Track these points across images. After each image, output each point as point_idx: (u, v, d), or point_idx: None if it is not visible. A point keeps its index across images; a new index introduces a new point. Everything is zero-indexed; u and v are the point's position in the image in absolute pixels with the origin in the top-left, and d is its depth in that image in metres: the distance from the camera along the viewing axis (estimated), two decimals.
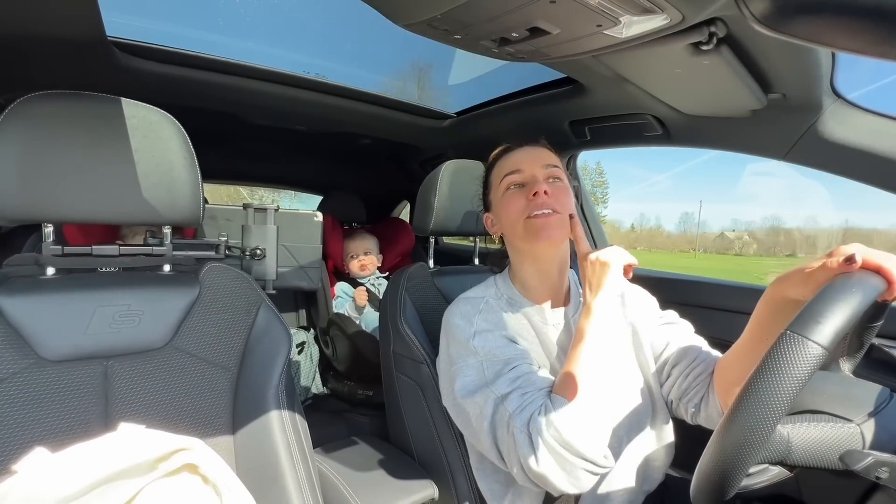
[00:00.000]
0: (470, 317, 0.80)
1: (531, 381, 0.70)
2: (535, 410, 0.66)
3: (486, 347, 0.75)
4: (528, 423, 0.65)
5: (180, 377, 0.73)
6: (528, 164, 0.82)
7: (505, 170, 0.84)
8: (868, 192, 5.23)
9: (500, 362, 0.73)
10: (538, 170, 0.81)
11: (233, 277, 0.80)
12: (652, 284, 1.44)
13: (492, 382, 0.72)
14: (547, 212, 0.78)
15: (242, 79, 1.20)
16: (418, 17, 0.64)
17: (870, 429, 0.51)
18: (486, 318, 0.80)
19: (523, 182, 0.82)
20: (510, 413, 0.67)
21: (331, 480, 0.92)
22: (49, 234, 0.70)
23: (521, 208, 0.79)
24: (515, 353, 0.75)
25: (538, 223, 0.78)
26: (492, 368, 0.73)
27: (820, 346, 0.41)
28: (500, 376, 0.71)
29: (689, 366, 0.78)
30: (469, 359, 0.76)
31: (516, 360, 0.73)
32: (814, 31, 0.50)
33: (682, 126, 1.10)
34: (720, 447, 0.45)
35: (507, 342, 0.77)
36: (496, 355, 0.74)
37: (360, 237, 2.04)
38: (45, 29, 0.83)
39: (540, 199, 0.77)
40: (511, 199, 0.81)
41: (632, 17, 0.60)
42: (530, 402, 0.67)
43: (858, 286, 0.46)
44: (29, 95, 0.63)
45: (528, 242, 0.81)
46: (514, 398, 0.68)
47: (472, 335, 0.77)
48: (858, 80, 0.87)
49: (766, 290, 0.64)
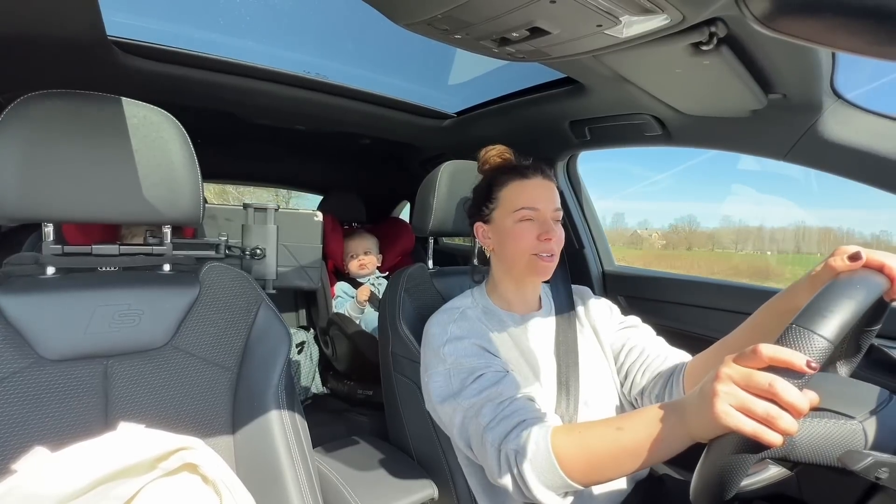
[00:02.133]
0: (445, 325, 0.84)
1: (499, 392, 0.71)
2: (509, 430, 0.66)
3: (455, 356, 0.78)
4: (499, 443, 0.66)
5: (180, 377, 0.73)
6: (544, 204, 0.85)
7: (522, 202, 0.85)
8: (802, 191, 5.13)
9: (465, 371, 0.76)
10: (550, 211, 0.86)
11: (233, 277, 0.80)
12: (652, 284, 1.44)
13: (458, 394, 0.74)
14: (552, 255, 0.84)
15: (243, 78, 1.20)
16: (418, 17, 0.64)
17: (872, 426, 0.51)
18: (460, 326, 0.83)
19: (535, 218, 0.85)
20: (483, 426, 0.69)
21: (330, 480, 0.92)
22: (49, 233, 0.70)
23: (530, 245, 0.84)
24: (481, 361, 0.77)
25: (541, 265, 0.84)
26: (457, 377, 0.76)
27: (826, 340, 0.42)
28: (465, 387, 0.74)
29: (643, 364, 0.84)
30: (438, 366, 0.79)
31: (481, 368, 0.75)
32: (814, 31, 0.50)
33: (682, 126, 1.10)
34: (721, 446, 0.45)
35: (477, 350, 0.79)
36: (462, 364, 0.77)
37: (359, 237, 2.05)
38: (45, 28, 0.83)
39: (549, 244, 0.83)
40: (522, 232, 0.84)
41: (632, 17, 0.60)
42: (506, 415, 0.68)
43: (862, 283, 0.46)
44: (29, 95, 0.63)
45: (526, 275, 0.87)
46: (486, 411, 0.69)
47: (443, 343, 0.80)
48: (859, 79, 0.87)
49: (770, 300, 0.65)
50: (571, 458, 0.60)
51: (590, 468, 0.59)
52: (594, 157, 1.49)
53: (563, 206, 0.89)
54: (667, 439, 0.52)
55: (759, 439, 0.42)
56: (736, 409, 0.44)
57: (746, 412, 0.43)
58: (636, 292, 1.47)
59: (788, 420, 0.42)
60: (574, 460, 0.60)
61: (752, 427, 0.42)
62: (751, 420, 0.43)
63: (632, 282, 1.49)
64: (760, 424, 0.42)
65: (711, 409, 0.45)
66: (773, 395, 0.42)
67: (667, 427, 0.52)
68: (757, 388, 0.43)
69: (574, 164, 1.54)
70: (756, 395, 0.43)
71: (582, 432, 0.61)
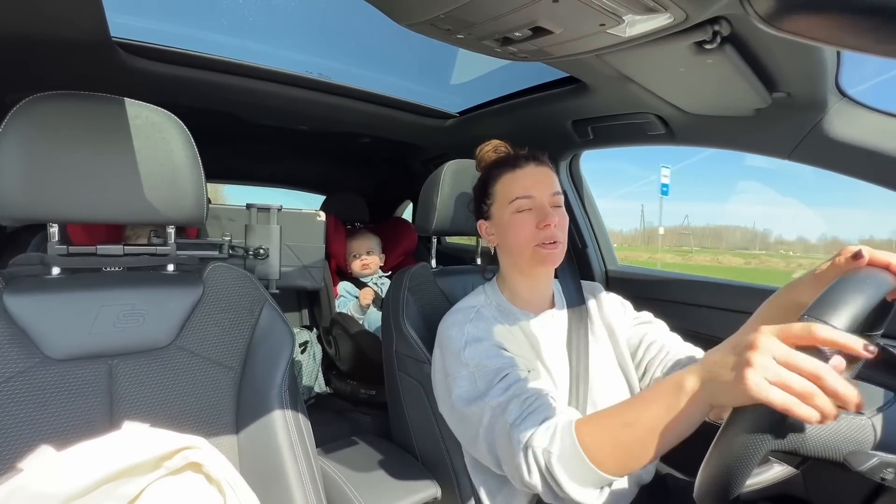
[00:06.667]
0: (461, 326, 0.82)
1: (525, 388, 0.70)
2: (536, 426, 0.64)
3: (477, 358, 0.76)
4: (525, 441, 0.63)
5: (184, 376, 0.73)
6: (539, 190, 0.83)
7: (514, 192, 0.84)
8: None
9: (491, 372, 0.74)
10: (548, 197, 0.83)
11: (236, 277, 0.80)
12: (652, 284, 1.44)
13: (485, 394, 0.72)
14: (555, 242, 0.81)
15: (246, 79, 1.21)
16: (421, 17, 0.64)
17: (880, 422, 0.51)
18: (477, 327, 0.81)
19: (532, 207, 0.83)
20: (510, 423, 0.66)
21: (334, 479, 0.92)
22: (54, 233, 0.70)
23: (530, 235, 0.82)
24: (504, 361, 0.75)
25: (545, 254, 0.81)
26: (483, 379, 0.74)
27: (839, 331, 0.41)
28: (492, 387, 0.72)
29: (663, 360, 0.82)
30: (461, 371, 0.77)
31: (506, 368, 0.74)
32: (818, 30, 0.49)
33: (685, 125, 1.10)
34: (730, 437, 0.44)
35: (497, 351, 0.78)
36: (486, 365, 0.75)
37: (362, 236, 2.05)
38: (49, 30, 0.84)
39: (549, 230, 0.81)
40: (521, 223, 0.83)
41: (635, 16, 0.59)
42: (532, 411, 0.66)
43: (871, 279, 0.47)
44: (34, 96, 0.64)
45: (532, 266, 0.85)
46: (513, 408, 0.68)
47: (463, 346, 0.78)
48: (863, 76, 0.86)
49: (773, 295, 0.65)
50: (599, 448, 0.58)
51: (620, 456, 0.56)
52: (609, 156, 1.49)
53: (565, 207, 0.87)
54: (687, 409, 0.50)
55: (790, 412, 0.40)
56: (771, 382, 0.41)
57: (782, 387, 0.41)
58: (639, 292, 1.46)
59: (825, 400, 0.40)
60: (602, 450, 0.57)
61: (782, 400, 0.40)
62: (783, 393, 0.41)
63: (634, 281, 1.49)
64: (793, 398, 0.40)
65: (742, 379, 0.43)
66: (817, 379, 0.40)
67: (685, 395, 0.50)
68: (801, 368, 0.41)
69: (577, 163, 1.53)
70: (797, 373, 0.41)
71: (605, 420, 0.59)
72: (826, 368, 0.40)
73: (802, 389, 0.40)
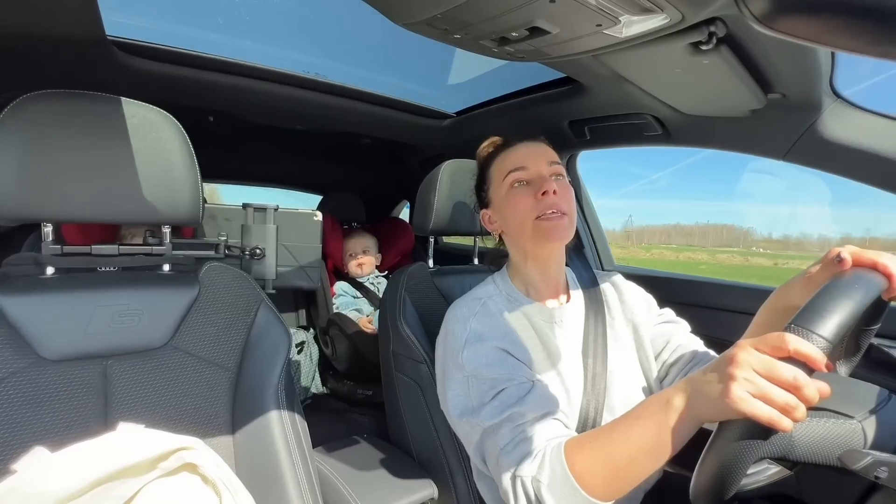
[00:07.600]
0: (465, 321, 0.78)
1: (521, 413, 0.66)
2: (526, 455, 0.61)
3: (473, 363, 0.72)
4: (515, 469, 0.62)
5: (180, 377, 0.73)
6: (533, 161, 0.80)
7: (508, 166, 0.81)
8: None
9: (486, 384, 0.70)
10: (543, 167, 0.79)
11: (232, 277, 0.80)
12: (651, 284, 1.44)
13: (477, 411, 0.69)
14: (557, 213, 0.76)
15: (242, 78, 1.20)
16: (418, 17, 0.64)
17: (871, 425, 0.51)
18: (482, 322, 0.77)
19: (528, 179, 0.79)
20: (500, 448, 0.64)
21: (330, 480, 0.92)
22: (48, 233, 0.70)
23: (530, 207, 0.77)
24: (503, 371, 0.71)
25: (548, 225, 0.76)
26: (477, 390, 0.71)
27: (824, 340, 0.42)
28: (485, 405, 0.69)
29: (686, 365, 0.79)
30: (456, 374, 0.74)
31: (502, 381, 0.70)
32: (813, 31, 0.50)
33: (681, 126, 1.10)
34: (721, 445, 0.45)
35: (498, 356, 0.73)
36: (481, 374, 0.71)
37: (358, 236, 2.05)
38: (44, 28, 0.83)
39: (549, 198, 0.76)
40: (518, 197, 0.78)
41: (631, 16, 0.60)
42: (523, 438, 0.63)
43: (860, 282, 0.46)
44: (28, 94, 0.63)
45: (537, 243, 0.79)
46: (505, 432, 0.65)
47: (462, 345, 0.75)
48: (857, 78, 0.87)
49: (768, 299, 0.65)
50: (590, 472, 0.56)
51: (611, 479, 0.55)
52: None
53: None
54: (676, 426, 0.50)
55: (775, 426, 0.42)
56: (754, 395, 0.43)
57: (765, 400, 0.42)
58: None
59: (804, 410, 0.42)
60: (593, 475, 0.56)
61: (767, 414, 0.42)
62: (767, 406, 0.42)
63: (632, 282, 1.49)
64: (776, 412, 0.42)
65: (727, 394, 0.44)
66: (796, 389, 0.42)
67: (674, 412, 0.50)
68: (779, 379, 0.42)
69: (574, 163, 1.54)
70: (776, 384, 0.43)
71: (594, 442, 0.58)
72: (804, 377, 0.42)
73: (784, 404, 0.42)
